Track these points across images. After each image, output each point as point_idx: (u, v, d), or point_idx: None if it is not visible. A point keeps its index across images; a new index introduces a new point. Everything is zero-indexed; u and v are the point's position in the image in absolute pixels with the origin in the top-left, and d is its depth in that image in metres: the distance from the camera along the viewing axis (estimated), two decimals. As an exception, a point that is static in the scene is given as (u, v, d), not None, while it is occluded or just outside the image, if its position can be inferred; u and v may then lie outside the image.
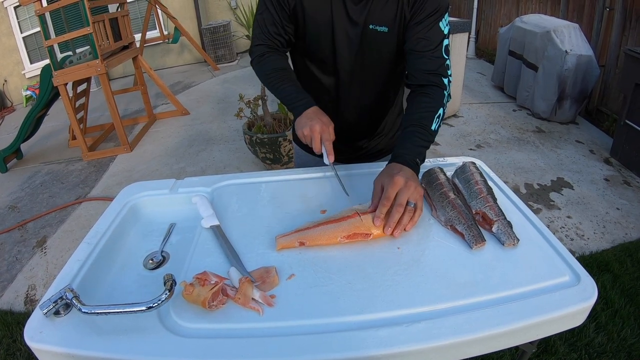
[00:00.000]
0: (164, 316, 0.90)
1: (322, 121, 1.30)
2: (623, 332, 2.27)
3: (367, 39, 1.36)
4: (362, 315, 0.87)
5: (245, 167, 4.48)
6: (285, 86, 1.40)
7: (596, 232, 3.13)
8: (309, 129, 1.28)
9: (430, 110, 1.28)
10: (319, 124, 1.28)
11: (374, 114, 1.60)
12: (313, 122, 1.29)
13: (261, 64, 1.44)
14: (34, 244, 3.56)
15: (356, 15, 1.33)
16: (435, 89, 1.32)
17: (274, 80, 1.41)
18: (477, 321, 0.84)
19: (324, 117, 1.33)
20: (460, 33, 4.73)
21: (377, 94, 1.53)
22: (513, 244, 1.04)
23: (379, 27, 1.34)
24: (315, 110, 1.34)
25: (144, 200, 1.39)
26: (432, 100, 1.30)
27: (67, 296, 0.87)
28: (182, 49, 9.68)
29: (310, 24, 1.37)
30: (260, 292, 0.91)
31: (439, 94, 1.32)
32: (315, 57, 1.46)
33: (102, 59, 4.66)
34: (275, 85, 1.42)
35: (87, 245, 1.14)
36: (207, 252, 1.09)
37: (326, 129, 1.30)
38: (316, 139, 1.28)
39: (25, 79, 8.88)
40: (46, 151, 5.58)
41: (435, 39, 1.31)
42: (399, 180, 1.10)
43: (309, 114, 1.32)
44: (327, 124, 1.31)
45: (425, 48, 1.31)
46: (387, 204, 1.09)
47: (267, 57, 1.43)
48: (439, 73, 1.32)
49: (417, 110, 1.30)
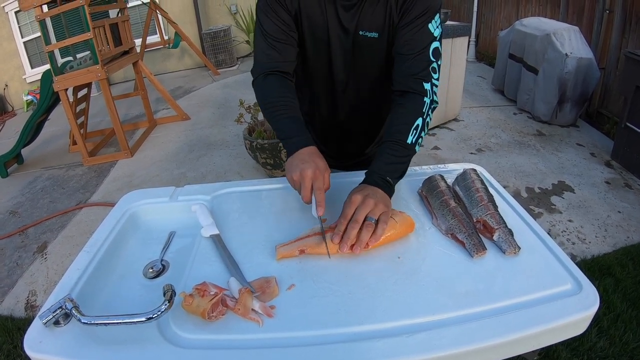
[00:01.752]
0: (164, 327, 0.90)
1: (316, 165, 1.14)
2: (625, 336, 2.26)
3: (358, 46, 1.35)
4: (362, 326, 0.86)
5: (246, 172, 4.48)
6: (283, 117, 1.27)
7: (598, 235, 3.12)
8: (300, 174, 1.12)
9: (406, 123, 1.21)
10: (311, 169, 1.12)
11: (373, 121, 1.59)
12: (305, 165, 1.13)
13: (264, 84, 1.34)
14: (34, 249, 3.56)
15: (347, 22, 1.31)
16: (414, 97, 1.25)
17: (272, 107, 1.30)
18: (478, 331, 0.83)
19: (319, 160, 1.17)
20: (460, 37, 4.73)
21: (373, 100, 1.51)
22: (514, 252, 1.04)
23: (369, 33, 1.31)
24: (310, 152, 1.19)
25: (144, 208, 1.38)
26: (407, 112, 1.23)
27: (67, 306, 0.87)
28: (183, 54, 9.70)
29: (309, 29, 1.35)
30: (259, 302, 0.91)
31: (417, 103, 1.24)
32: (312, 64, 1.44)
33: (102, 64, 4.67)
34: (272, 114, 1.29)
35: (86, 254, 1.14)
36: (207, 262, 1.09)
37: (319, 176, 1.13)
38: (306, 188, 1.12)
39: (26, 84, 8.90)
40: (47, 156, 5.59)
41: (423, 41, 1.26)
42: (356, 198, 1.08)
43: (303, 156, 1.17)
44: (322, 170, 1.15)
45: (410, 50, 1.26)
46: (344, 222, 1.07)
47: (272, 79, 1.33)
48: (420, 77, 1.26)
49: (392, 123, 1.24)
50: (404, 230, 1.13)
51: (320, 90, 1.49)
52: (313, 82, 1.49)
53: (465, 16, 8.34)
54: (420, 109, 1.24)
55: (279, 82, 1.33)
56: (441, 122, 5.19)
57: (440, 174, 1.31)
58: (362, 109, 1.52)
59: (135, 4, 8.65)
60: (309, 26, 1.34)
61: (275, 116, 1.28)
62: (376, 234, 1.05)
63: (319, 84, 1.48)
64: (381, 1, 1.27)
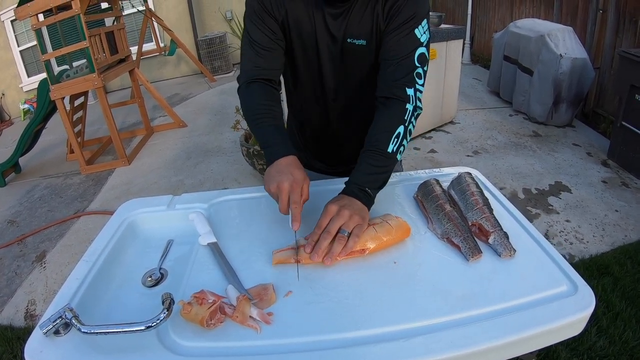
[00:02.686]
0: (163, 335, 0.90)
1: (293, 178, 1.11)
2: (625, 335, 2.27)
3: (346, 53, 1.34)
4: (359, 331, 0.86)
5: (243, 179, 4.49)
6: (264, 125, 1.26)
7: (595, 235, 3.14)
8: (277, 186, 1.10)
9: (386, 131, 1.19)
10: (288, 182, 1.10)
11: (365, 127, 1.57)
12: (282, 177, 1.11)
13: (248, 91, 1.33)
14: (33, 258, 3.56)
15: (335, 29, 1.30)
16: (395, 103, 1.22)
17: (254, 115, 1.28)
18: (475, 334, 0.84)
19: (297, 171, 1.14)
20: (455, 40, 4.75)
21: (365, 107, 1.47)
22: (510, 255, 1.04)
23: (357, 41, 1.30)
24: (288, 162, 1.16)
25: (142, 217, 1.38)
26: (388, 120, 1.21)
27: (67, 316, 0.87)
28: (179, 61, 9.72)
29: (297, 39, 1.34)
30: (257, 309, 0.91)
31: (398, 110, 1.21)
32: (302, 72, 1.43)
33: (98, 73, 4.67)
34: (253, 122, 1.28)
35: (85, 263, 1.14)
36: (205, 270, 1.09)
37: (297, 188, 1.10)
38: (283, 201, 1.10)
39: (22, 93, 8.90)
40: (44, 165, 5.59)
41: (408, 47, 1.23)
42: (331, 208, 1.07)
43: (280, 167, 1.15)
44: (300, 181, 1.12)
45: (395, 56, 1.24)
46: (317, 232, 1.06)
47: (255, 86, 1.32)
48: (403, 83, 1.23)
49: (372, 132, 1.22)
50: (400, 235, 1.12)
51: (311, 98, 1.49)
52: (303, 91, 1.49)
53: (460, 19, 8.36)
54: (402, 115, 1.21)
55: (263, 90, 1.32)
56: (437, 125, 5.20)
57: (436, 178, 1.32)
58: (353, 116, 1.51)
59: (131, 12, 8.65)
60: (297, 34, 1.33)
61: (257, 124, 1.27)
62: (347, 247, 1.05)
63: (310, 92, 1.47)
64: (368, 8, 1.27)
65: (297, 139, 1.69)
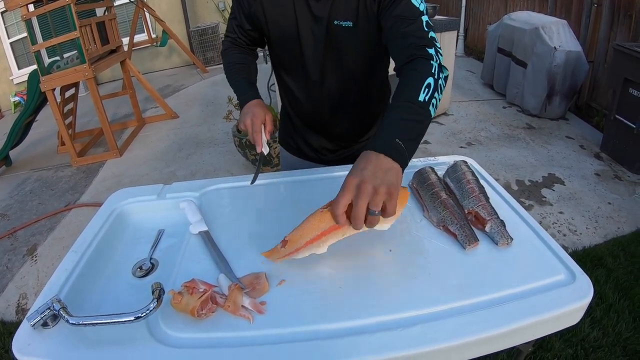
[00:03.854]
0: (153, 326, 0.88)
1: (252, 113, 1.34)
2: (618, 326, 2.28)
3: (332, 36, 1.31)
4: (354, 321, 0.85)
5: (236, 169, 4.46)
6: (237, 79, 1.47)
7: (589, 227, 3.14)
8: (243, 124, 1.34)
9: (415, 80, 1.01)
10: (249, 117, 1.33)
11: (354, 115, 1.56)
12: (245, 117, 1.33)
13: (228, 53, 1.52)
14: (24, 252, 3.51)
15: (319, 11, 1.28)
16: (420, 61, 1.08)
17: (230, 73, 1.49)
18: (472, 323, 0.83)
19: (257, 108, 1.36)
20: (449, 31, 4.72)
21: (352, 93, 1.47)
22: (507, 243, 1.03)
23: (344, 22, 1.27)
24: (252, 104, 1.38)
25: (132, 207, 1.37)
26: (416, 72, 1.05)
27: (55, 307, 0.85)
28: (171, 52, 9.64)
29: (274, 26, 1.35)
30: (250, 299, 0.89)
31: (424, 65, 1.06)
32: (284, 59, 1.44)
33: (89, 64, 4.62)
34: (230, 79, 1.50)
35: (74, 254, 1.12)
36: (196, 259, 1.08)
37: (256, 120, 1.33)
38: (249, 133, 1.33)
39: (13, 85, 8.79)
40: (35, 158, 5.53)
41: (411, 16, 1.16)
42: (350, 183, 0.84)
43: (246, 109, 1.37)
44: (258, 114, 1.34)
45: (402, 26, 1.16)
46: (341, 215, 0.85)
47: (229, 52, 1.52)
48: (423, 44, 1.11)
49: (399, 87, 1.03)
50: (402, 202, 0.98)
51: (295, 84, 1.49)
52: (289, 76, 1.49)
53: (454, 11, 8.34)
54: (428, 69, 1.04)
55: (239, 53, 1.52)
56: (430, 117, 5.15)
57: (431, 166, 1.31)
58: (342, 101, 1.48)
59: (122, 2, 8.56)
60: (275, 22, 1.34)
61: (232, 79, 1.49)
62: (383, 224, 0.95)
63: (294, 77, 1.47)
64: None
65: (289, 125, 1.68)
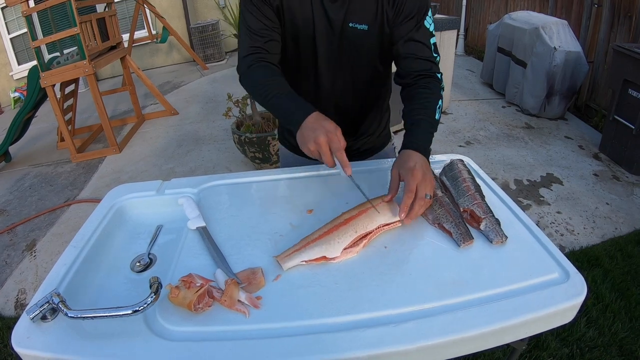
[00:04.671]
0: (151, 319, 0.89)
1: (326, 129, 1.12)
2: (614, 326, 2.28)
3: (346, 38, 1.33)
4: (349, 316, 0.86)
5: (235, 167, 4.46)
6: (277, 97, 1.25)
7: (586, 227, 3.15)
8: (314, 143, 1.11)
9: (433, 101, 1.30)
10: (323, 134, 1.11)
11: (361, 114, 1.57)
12: (317, 133, 1.11)
13: (249, 76, 1.32)
14: (23, 247, 3.52)
15: (334, 13, 1.29)
16: (433, 82, 1.34)
17: (264, 92, 1.27)
18: (465, 320, 0.83)
19: (327, 123, 1.15)
20: (449, 30, 4.74)
21: (359, 94, 1.49)
22: (501, 241, 1.04)
23: (359, 25, 1.30)
24: (316, 117, 1.16)
25: (131, 202, 1.37)
26: (432, 92, 1.31)
27: (54, 301, 0.86)
28: (171, 49, 9.63)
29: (291, 24, 1.33)
30: (246, 293, 0.90)
31: (437, 87, 1.33)
32: (296, 57, 1.41)
33: (89, 60, 4.61)
34: (266, 98, 1.27)
35: (73, 248, 1.12)
36: (194, 254, 1.08)
37: (333, 137, 1.12)
38: (325, 153, 1.11)
39: (13, 81, 8.78)
40: (35, 153, 5.53)
41: (425, 40, 1.32)
42: (417, 173, 1.10)
43: (310, 124, 1.14)
44: (333, 130, 1.13)
45: (417, 51, 1.32)
46: (411, 197, 1.09)
47: (254, 69, 1.31)
48: (433, 72, 1.34)
49: (420, 101, 1.30)
50: None
51: (302, 83, 1.46)
52: (299, 78, 1.45)
53: (454, 10, 8.34)
54: (439, 92, 1.34)
55: (264, 68, 1.31)
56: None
57: (428, 165, 1.31)
58: (349, 103, 1.50)
59: (123, -1, 8.58)
60: (292, 20, 1.32)
61: (270, 98, 1.26)
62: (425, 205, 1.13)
63: (304, 78, 1.45)
64: None
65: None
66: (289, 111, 1.22)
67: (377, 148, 1.70)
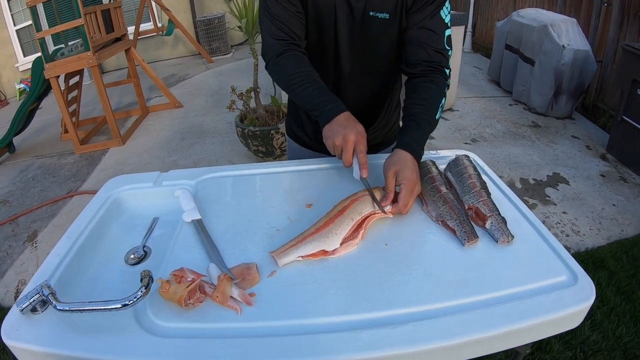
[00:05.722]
0: (141, 314, 0.87)
1: (357, 130, 1.16)
2: (619, 330, 2.25)
3: (367, 26, 1.31)
4: (345, 316, 0.83)
5: (238, 160, 4.45)
6: (308, 89, 1.26)
7: (592, 228, 3.11)
8: (342, 139, 1.14)
9: (436, 98, 1.27)
10: (353, 134, 1.14)
11: (374, 105, 1.56)
12: (347, 131, 1.15)
13: (279, 65, 1.31)
14: (24, 238, 3.52)
15: (355, 1, 1.28)
16: (440, 77, 1.31)
17: (296, 82, 1.28)
18: (468, 323, 0.80)
19: (358, 125, 1.18)
20: (457, 26, 4.69)
21: (378, 84, 1.49)
22: (507, 241, 1.00)
23: (380, 14, 1.29)
24: (348, 117, 1.20)
25: (128, 194, 1.35)
26: (437, 89, 1.29)
27: (44, 292, 0.84)
28: (177, 42, 9.61)
29: (314, 11, 1.31)
30: (239, 290, 0.87)
31: (442, 83, 1.31)
32: (317, 47, 1.39)
33: (93, 51, 4.60)
34: (297, 89, 1.28)
35: (67, 239, 1.10)
36: (188, 248, 1.05)
37: (362, 139, 1.16)
38: (349, 151, 1.15)
39: (18, 72, 8.78)
40: (38, 145, 5.53)
41: (438, 30, 1.29)
42: (412, 181, 1.10)
43: (341, 121, 1.18)
44: (363, 133, 1.18)
45: (428, 40, 1.29)
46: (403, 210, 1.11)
47: (284, 57, 1.30)
48: (442, 65, 1.32)
49: (423, 96, 1.27)
50: None
51: (325, 73, 1.42)
52: (318, 65, 1.40)
53: (462, 6, 8.28)
54: (444, 89, 1.31)
55: (294, 58, 1.31)
56: (436, 112, 5.12)
57: (432, 160, 1.28)
58: (365, 95, 1.49)
59: (129, -9, 8.56)
60: (315, 6, 1.30)
61: (300, 90, 1.28)
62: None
63: (324, 67, 1.42)
64: None
65: (298, 116, 1.66)
66: (322, 104, 1.24)
67: (386, 143, 1.68)
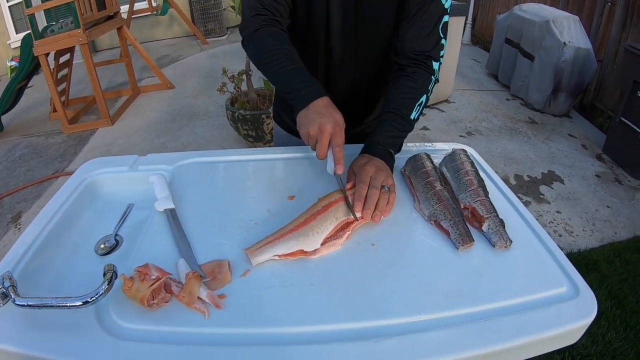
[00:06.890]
0: (103, 313, 0.79)
1: (335, 120, 1.05)
2: (608, 335, 2.22)
3: (362, 6, 1.22)
4: (322, 326, 0.75)
5: (228, 144, 4.39)
6: (284, 69, 1.14)
7: (585, 229, 3.08)
8: (318, 128, 1.03)
9: (413, 98, 1.20)
10: (330, 124, 1.03)
11: (368, 95, 1.48)
12: (324, 120, 1.03)
13: (255, 41, 1.20)
14: (8, 219, 3.47)
15: None
16: (423, 73, 1.22)
17: (273, 61, 1.16)
18: (459, 338, 0.73)
19: (337, 114, 1.07)
20: (457, 16, 4.62)
21: (370, 73, 1.39)
22: (505, 245, 0.93)
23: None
24: (326, 104, 1.08)
25: (102, 178, 1.27)
26: (416, 86, 1.21)
27: (5, 284, 0.77)
28: (172, 22, 9.50)
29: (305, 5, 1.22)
30: (207, 290, 0.79)
31: (425, 79, 1.22)
32: (307, 28, 1.29)
33: (84, 29, 4.50)
34: (272, 68, 1.17)
35: (36, 226, 1.03)
36: (157, 240, 0.97)
37: (339, 131, 1.05)
38: (324, 143, 1.03)
39: (10, 49, 8.64)
40: (27, 123, 5.45)
41: (433, 14, 1.19)
42: (369, 168, 1.05)
43: (319, 108, 1.06)
44: (341, 124, 1.07)
45: (420, 23, 1.19)
46: (364, 187, 1.01)
47: (262, 33, 1.19)
48: (430, 55, 1.22)
49: (398, 95, 1.21)
50: None
51: (314, 66, 1.34)
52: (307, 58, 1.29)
53: (463, -2, 8.21)
54: (426, 85, 1.22)
55: (273, 34, 1.19)
56: (432, 103, 5.10)
57: (427, 153, 1.20)
58: (358, 82, 1.40)
59: (124, -31, 8.40)
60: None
61: (276, 69, 1.16)
62: (390, 203, 1.05)
63: (314, 59, 1.33)
64: None
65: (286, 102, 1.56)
66: (298, 86, 1.12)
67: None
